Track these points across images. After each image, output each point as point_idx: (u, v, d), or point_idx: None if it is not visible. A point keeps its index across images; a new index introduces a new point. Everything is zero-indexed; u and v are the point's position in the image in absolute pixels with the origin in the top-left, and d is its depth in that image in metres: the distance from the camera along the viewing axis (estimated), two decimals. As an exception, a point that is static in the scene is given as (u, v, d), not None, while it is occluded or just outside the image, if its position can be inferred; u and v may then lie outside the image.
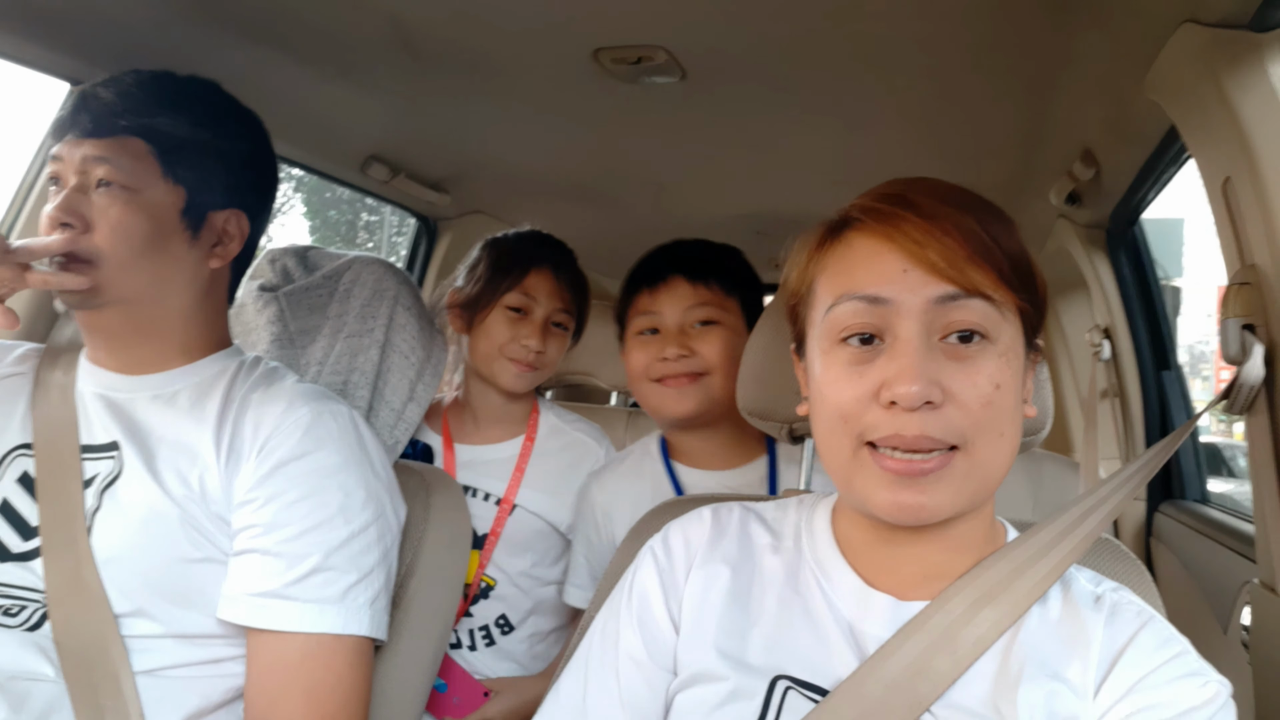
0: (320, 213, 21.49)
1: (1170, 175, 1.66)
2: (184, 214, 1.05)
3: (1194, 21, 1.04)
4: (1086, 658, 0.73)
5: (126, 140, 1.02)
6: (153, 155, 1.03)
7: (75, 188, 1.00)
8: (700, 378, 1.35)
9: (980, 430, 0.71)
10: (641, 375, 1.39)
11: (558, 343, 1.54)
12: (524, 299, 1.50)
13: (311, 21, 1.34)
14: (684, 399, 1.35)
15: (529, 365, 1.50)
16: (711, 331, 1.37)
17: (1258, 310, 1.05)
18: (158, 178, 1.03)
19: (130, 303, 1.03)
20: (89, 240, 0.99)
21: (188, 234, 1.06)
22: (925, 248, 0.72)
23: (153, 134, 1.03)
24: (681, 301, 1.37)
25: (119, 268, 1.00)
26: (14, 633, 0.94)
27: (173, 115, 1.04)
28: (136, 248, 1.01)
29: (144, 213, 1.02)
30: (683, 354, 1.35)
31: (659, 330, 1.38)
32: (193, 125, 1.05)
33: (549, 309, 1.52)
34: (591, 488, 1.47)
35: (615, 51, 1.38)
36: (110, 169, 1.00)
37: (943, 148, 1.80)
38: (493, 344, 1.49)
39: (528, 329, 1.49)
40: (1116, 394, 2.15)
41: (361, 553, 1.01)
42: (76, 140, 1.01)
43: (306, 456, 1.01)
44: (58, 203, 0.99)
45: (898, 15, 1.23)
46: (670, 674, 0.83)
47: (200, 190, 1.06)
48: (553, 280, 1.52)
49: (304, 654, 0.96)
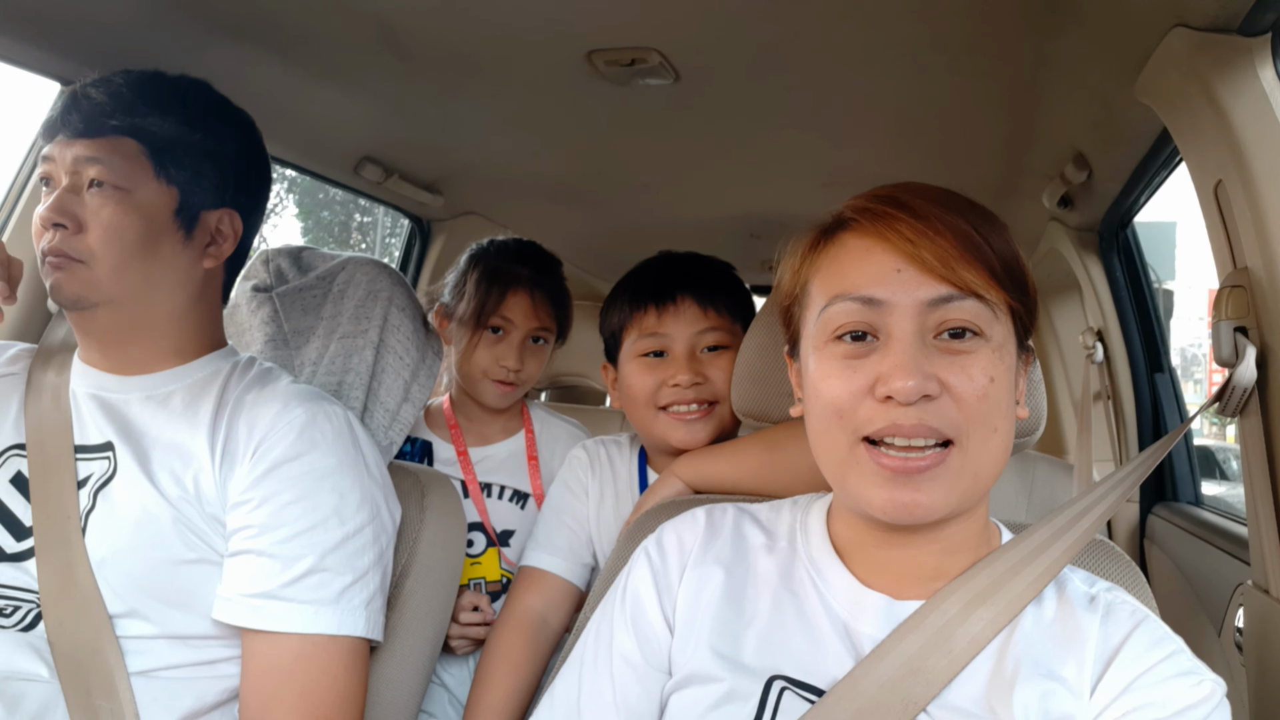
0: (313, 214, 21.45)
1: (1162, 178, 1.67)
2: (177, 214, 1.05)
3: (1184, 25, 1.05)
4: (1081, 657, 0.73)
5: (118, 140, 1.01)
6: (144, 155, 1.02)
7: (67, 188, 1.00)
8: (712, 408, 1.29)
9: (975, 424, 0.71)
10: (647, 401, 1.31)
11: (536, 358, 1.57)
12: (502, 320, 1.52)
13: (302, 23, 1.34)
14: (695, 433, 1.28)
15: (509, 384, 1.52)
16: (721, 357, 1.30)
17: (1250, 313, 1.05)
18: (150, 178, 1.03)
19: (123, 303, 1.03)
20: (82, 241, 0.99)
21: (181, 234, 1.06)
22: (918, 247, 0.73)
23: (144, 134, 1.02)
24: (692, 325, 1.30)
25: (112, 269, 1.00)
26: (8, 633, 0.93)
27: (164, 115, 1.04)
28: (129, 248, 1.00)
29: (137, 213, 1.01)
30: (696, 381, 1.27)
31: (665, 353, 1.31)
32: (184, 125, 1.05)
33: (526, 330, 1.53)
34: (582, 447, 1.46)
35: (608, 54, 1.38)
36: (102, 169, 1.00)
37: (934, 150, 1.81)
38: (475, 366, 1.52)
39: (505, 349, 1.51)
40: (1109, 396, 2.16)
41: (357, 554, 1.01)
42: (68, 141, 1.01)
43: (301, 458, 1.01)
44: (49, 203, 0.99)
45: (888, 19, 1.24)
46: (665, 675, 0.83)
47: (193, 190, 1.06)
48: (529, 301, 1.53)
49: (298, 655, 0.96)
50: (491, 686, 1.24)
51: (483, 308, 1.51)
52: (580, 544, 1.36)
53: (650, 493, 1.23)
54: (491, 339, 1.52)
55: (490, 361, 1.51)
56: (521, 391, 1.57)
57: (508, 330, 1.52)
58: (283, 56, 1.46)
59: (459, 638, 1.37)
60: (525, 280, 1.54)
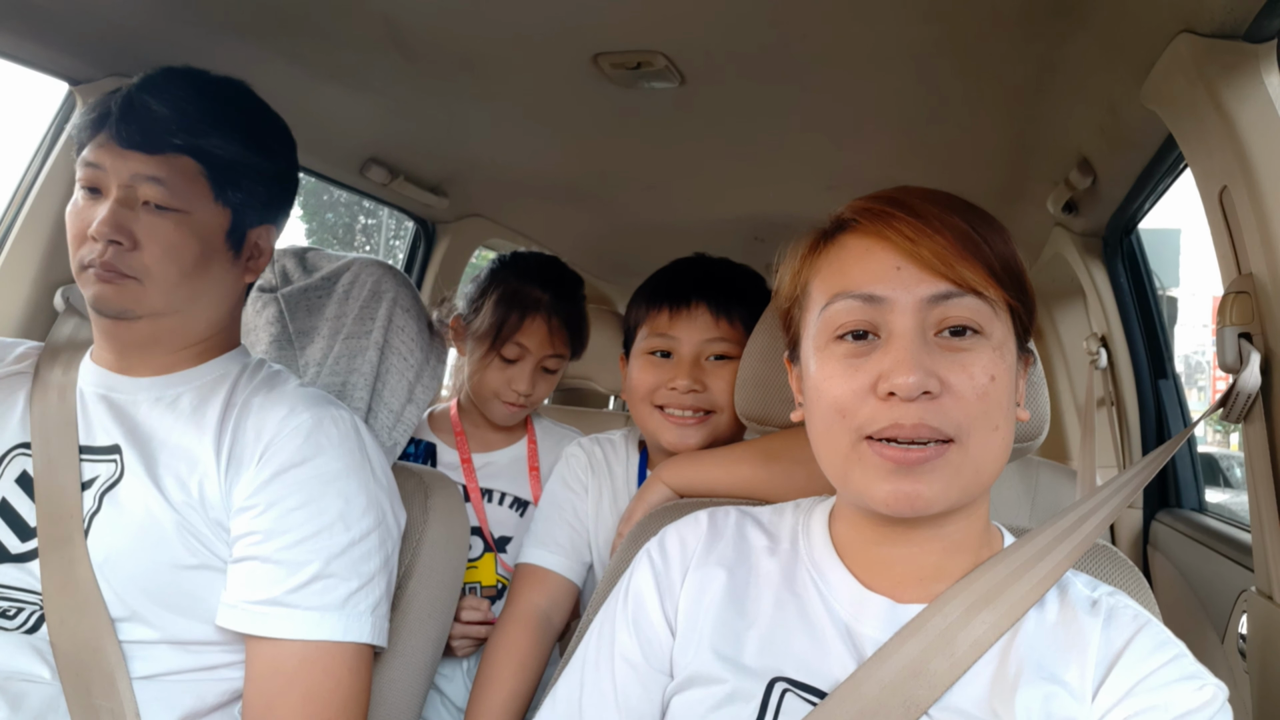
0: (318, 215, 21.47)
1: (1167, 184, 1.67)
2: (229, 235, 1.04)
3: (1190, 31, 1.05)
4: (1084, 661, 0.73)
5: (179, 159, 0.99)
6: (204, 176, 1.00)
7: (121, 201, 0.96)
8: (707, 416, 1.28)
9: (975, 422, 0.71)
10: (644, 397, 1.31)
11: (546, 383, 1.57)
12: (517, 349, 1.51)
13: (310, 23, 1.35)
14: (686, 437, 1.28)
15: (518, 405, 1.53)
16: (726, 368, 1.28)
17: (1254, 319, 1.05)
18: (209, 200, 1.01)
19: (167, 317, 1.02)
20: (136, 258, 0.97)
21: (230, 254, 1.05)
22: (918, 245, 0.73)
23: (206, 155, 1.00)
24: (701, 332, 1.29)
25: (165, 288, 0.99)
26: (11, 635, 0.93)
27: (225, 136, 1.01)
28: (185, 269, 0.99)
29: (193, 235, 1.00)
30: (694, 388, 1.27)
31: (672, 354, 1.31)
32: (244, 146, 1.03)
33: (540, 356, 1.53)
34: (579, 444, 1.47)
35: (614, 56, 1.39)
36: (164, 192, 0.97)
37: (939, 153, 1.81)
38: (486, 386, 1.52)
39: (517, 373, 1.52)
40: (1113, 402, 2.16)
41: (362, 559, 1.01)
42: (121, 151, 0.97)
43: (307, 463, 1.00)
44: (104, 217, 0.95)
45: (894, 23, 1.24)
46: (666, 677, 0.83)
47: (244, 210, 1.05)
48: (545, 329, 1.52)
49: (303, 660, 0.95)
50: (497, 687, 1.23)
51: (499, 331, 1.50)
52: (580, 542, 1.36)
53: (639, 500, 1.23)
54: (504, 363, 1.52)
55: (502, 384, 1.51)
56: (527, 412, 1.58)
57: (522, 356, 1.52)
58: (290, 57, 1.46)
59: (461, 637, 1.37)
60: (545, 306, 1.52)
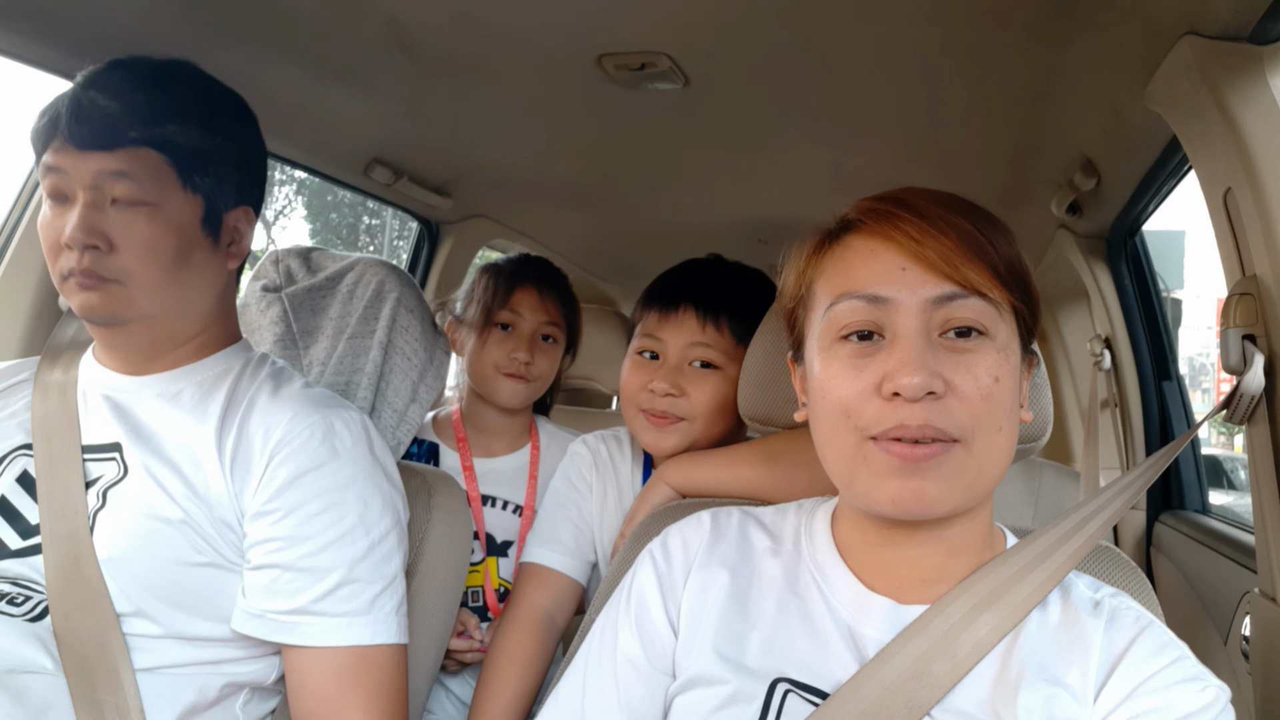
0: (321, 215, 21.53)
1: (1171, 186, 1.67)
2: (204, 222, 1.02)
3: (1195, 34, 1.05)
4: (1086, 662, 0.73)
5: (140, 152, 0.96)
6: (169, 165, 0.98)
7: (90, 204, 0.94)
8: (680, 421, 1.27)
9: (980, 423, 0.71)
10: (630, 397, 1.31)
11: (547, 356, 1.58)
12: (510, 315, 1.55)
13: (315, 23, 1.35)
14: (662, 439, 1.27)
15: (520, 377, 1.53)
16: (707, 377, 1.26)
17: (1258, 321, 1.05)
18: (177, 189, 0.99)
19: (159, 317, 1.02)
20: (115, 260, 0.95)
21: (209, 241, 1.04)
22: (923, 245, 0.73)
23: (167, 144, 0.98)
24: (685, 336, 1.27)
25: (149, 286, 0.97)
26: (17, 622, 0.93)
27: (184, 122, 0.99)
28: (166, 264, 0.98)
29: (168, 227, 0.98)
30: (670, 392, 1.25)
31: (658, 357, 1.30)
32: (205, 130, 1.01)
33: (535, 323, 1.56)
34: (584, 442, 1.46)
35: (618, 58, 1.39)
36: (130, 186, 0.95)
37: (943, 155, 1.81)
38: (487, 363, 1.54)
39: (515, 342, 1.54)
40: (1117, 404, 2.15)
41: (383, 561, 1.01)
42: (80, 152, 0.95)
43: (324, 466, 1.00)
44: (76, 222, 0.93)
45: (898, 24, 1.24)
46: (669, 677, 0.83)
47: (216, 195, 1.03)
48: (536, 296, 1.56)
49: (341, 667, 0.97)
50: (501, 688, 1.23)
51: (491, 304, 1.54)
52: (585, 541, 1.36)
53: (642, 500, 1.24)
54: (501, 335, 1.54)
55: (502, 355, 1.53)
56: (533, 392, 1.57)
57: (516, 325, 1.55)
58: (295, 57, 1.46)
59: (448, 657, 1.37)
60: (532, 279, 1.57)
